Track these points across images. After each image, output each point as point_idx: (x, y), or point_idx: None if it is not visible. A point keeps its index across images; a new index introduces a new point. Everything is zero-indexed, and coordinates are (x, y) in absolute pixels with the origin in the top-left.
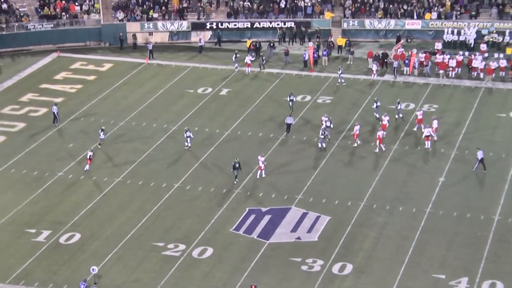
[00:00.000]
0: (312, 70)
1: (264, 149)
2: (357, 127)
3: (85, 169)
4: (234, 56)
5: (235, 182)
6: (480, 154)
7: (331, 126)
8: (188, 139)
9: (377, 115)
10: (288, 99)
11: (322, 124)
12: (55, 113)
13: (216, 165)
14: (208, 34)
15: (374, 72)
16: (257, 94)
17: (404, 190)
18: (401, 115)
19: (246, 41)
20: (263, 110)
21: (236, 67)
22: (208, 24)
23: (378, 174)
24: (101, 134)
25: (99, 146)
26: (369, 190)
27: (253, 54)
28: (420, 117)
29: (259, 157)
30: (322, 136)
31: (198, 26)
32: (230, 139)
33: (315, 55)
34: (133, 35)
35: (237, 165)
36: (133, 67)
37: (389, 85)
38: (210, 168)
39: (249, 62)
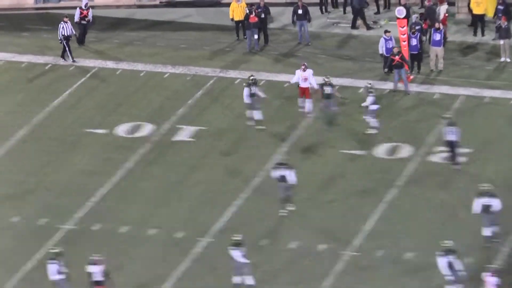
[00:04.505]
0: (410, 78)
1: None
2: None
3: None
4: (246, 88)
5: None
6: None
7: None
8: None
9: None
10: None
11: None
12: None
13: None
14: None
15: None
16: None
17: None
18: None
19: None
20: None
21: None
22: None
23: None
24: None
25: None
26: None
27: (255, 32)
28: None
29: None
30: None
31: None
32: None
33: (414, 40)
34: None
35: None
36: None
37: None
38: None
39: (307, 84)
